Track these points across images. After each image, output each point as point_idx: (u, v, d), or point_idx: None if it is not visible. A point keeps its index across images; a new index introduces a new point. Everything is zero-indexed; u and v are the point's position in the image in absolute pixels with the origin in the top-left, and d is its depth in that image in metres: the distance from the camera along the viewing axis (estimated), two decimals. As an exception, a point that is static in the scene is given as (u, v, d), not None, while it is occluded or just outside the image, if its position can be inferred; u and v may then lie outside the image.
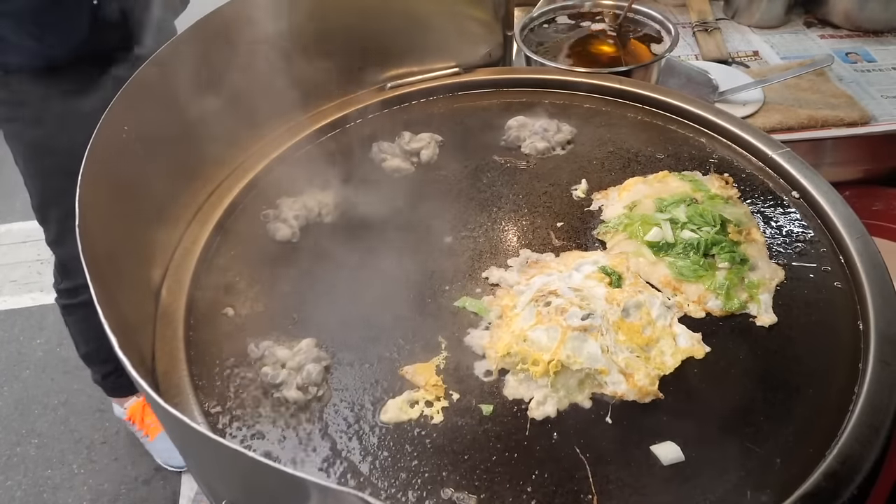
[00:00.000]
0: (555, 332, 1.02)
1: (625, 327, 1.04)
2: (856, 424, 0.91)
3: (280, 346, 1.06)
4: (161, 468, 2.62)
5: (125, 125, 1.09)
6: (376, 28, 1.47)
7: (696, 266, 1.12)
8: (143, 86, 1.13)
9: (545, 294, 1.07)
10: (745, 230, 1.17)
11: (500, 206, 1.29)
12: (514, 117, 1.48)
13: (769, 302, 1.10)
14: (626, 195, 1.27)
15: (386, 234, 1.25)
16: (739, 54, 2.05)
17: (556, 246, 1.21)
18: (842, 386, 0.98)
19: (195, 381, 1.03)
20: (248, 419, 0.99)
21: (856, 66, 1.98)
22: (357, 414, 0.99)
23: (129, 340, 0.92)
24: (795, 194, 1.27)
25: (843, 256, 1.15)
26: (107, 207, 1.02)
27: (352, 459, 0.93)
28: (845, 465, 0.87)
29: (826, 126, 1.75)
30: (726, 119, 1.41)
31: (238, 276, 1.19)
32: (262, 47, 1.34)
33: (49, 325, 3.06)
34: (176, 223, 1.23)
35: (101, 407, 2.81)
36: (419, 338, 1.08)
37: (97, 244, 0.94)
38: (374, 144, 1.41)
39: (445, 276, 1.17)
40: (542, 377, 0.99)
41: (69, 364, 2.83)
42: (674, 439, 0.93)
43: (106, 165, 1.03)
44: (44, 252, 3.12)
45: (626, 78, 1.54)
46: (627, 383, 0.98)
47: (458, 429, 0.97)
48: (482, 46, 1.58)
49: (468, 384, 1.02)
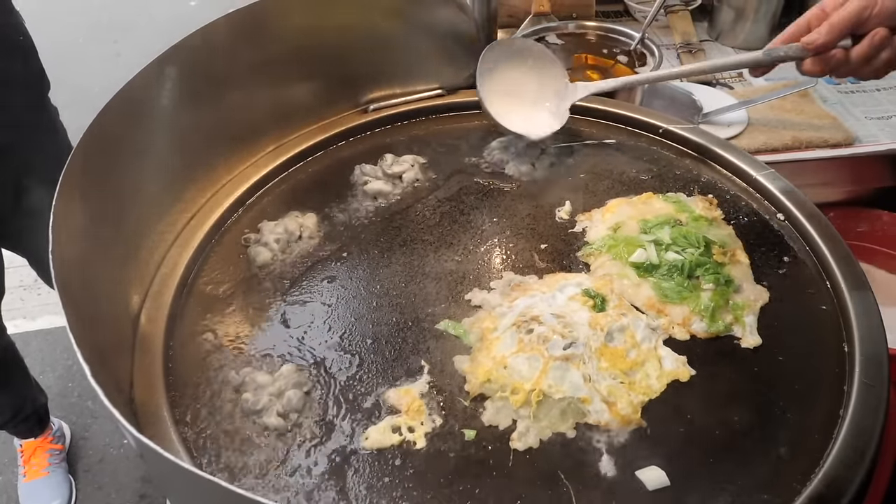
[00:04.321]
0: (536, 362, 1.01)
1: (608, 353, 1.03)
2: (841, 447, 0.90)
3: (260, 372, 1.05)
4: (146, 496, 2.60)
5: (102, 147, 1.08)
6: (359, 50, 1.46)
7: (680, 288, 1.12)
8: (121, 107, 1.11)
9: (527, 320, 1.06)
10: (730, 252, 1.17)
11: (484, 229, 1.28)
12: (498, 139, 1.47)
13: (754, 324, 1.09)
14: (610, 217, 1.27)
15: (368, 258, 1.24)
16: (723, 76, 2.06)
17: (540, 268, 1.20)
18: (827, 408, 0.97)
19: (174, 409, 1.01)
20: (228, 447, 0.97)
21: (839, 87, 1.99)
22: (338, 440, 0.97)
23: (104, 369, 0.91)
24: (780, 216, 1.27)
25: (828, 278, 1.15)
26: (83, 232, 1.01)
27: (333, 486, 0.92)
28: (831, 489, 0.87)
29: (810, 147, 1.75)
30: (710, 140, 1.40)
31: (218, 301, 1.17)
32: (244, 69, 1.33)
33: (32, 352, 3.04)
34: (156, 248, 1.21)
35: (84, 435, 2.79)
36: (401, 362, 1.07)
37: (72, 270, 0.92)
38: (357, 167, 1.40)
39: (428, 300, 1.16)
40: (521, 406, 0.98)
41: (52, 391, 2.81)
42: (659, 464, 0.92)
43: (82, 189, 1.02)
44: (27, 278, 3.11)
45: (610, 99, 1.54)
46: (610, 412, 0.97)
47: (441, 454, 0.95)
48: (465, 68, 1.58)
49: (450, 409, 1.00)
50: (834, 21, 1.10)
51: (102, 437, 2.80)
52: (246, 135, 1.39)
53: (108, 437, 2.80)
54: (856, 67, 1.13)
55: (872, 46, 1.09)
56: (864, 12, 1.08)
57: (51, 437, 2.64)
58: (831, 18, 1.11)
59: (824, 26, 1.11)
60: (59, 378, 3.00)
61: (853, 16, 1.09)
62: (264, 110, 1.39)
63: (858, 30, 1.11)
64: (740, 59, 1.25)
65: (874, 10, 1.08)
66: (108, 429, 2.81)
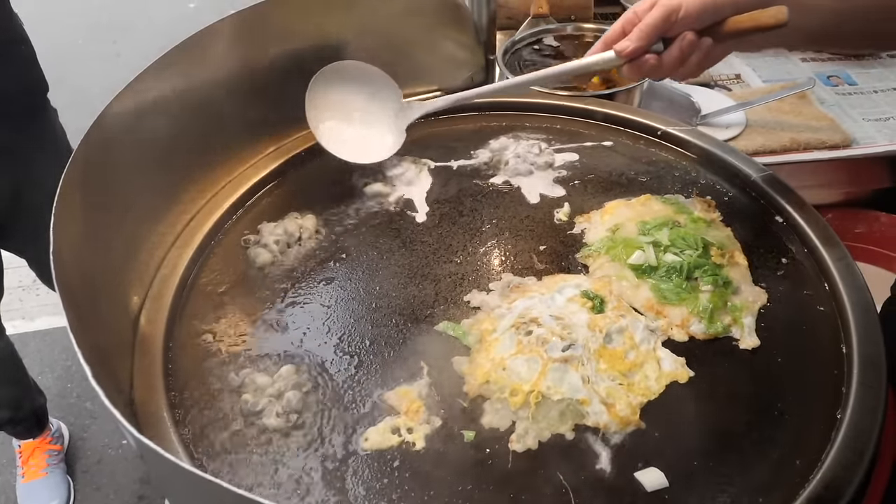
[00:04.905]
0: (535, 364, 1.01)
1: (606, 355, 1.03)
2: (839, 449, 0.91)
3: (260, 373, 1.05)
4: (144, 497, 2.60)
5: (102, 149, 1.08)
6: (358, 52, 1.46)
7: (679, 289, 1.12)
8: (121, 109, 1.12)
9: (526, 322, 1.06)
10: (728, 253, 1.17)
11: (482, 230, 1.29)
12: (496, 140, 1.48)
13: (752, 325, 1.09)
14: (608, 218, 1.27)
15: (367, 259, 1.24)
16: (721, 77, 2.06)
17: (539, 269, 1.21)
18: (825, 410, 0.97)
19: (173, 410, 1.01)
20: (227, 448, 0.97)
21: (837, 89, 1.99)
22: (338, 441, 0.97)
23: (104, 370, 0.91)
24: (778, 217, 1.27)
25: (826, 279, 1.15)
26: (83, 234, 1.01)
27: (333, 488, 0.92)
28: (829, 490, 0.87)
29: (808, 149, 1.75)
30: (709, 142, 1.41)
31: (218, 303, 1.18)
32: (243, 71, 1.33)
33: (31, 352, 3.04)
34: (155, 249, 1.21)
35: (82, 436, 2.79)
36: (400, 363, 1.07)
37: (72, 271, 0.93)
38: (356, 169, 1.40)
39: (427, 301, 1.16)
40: (520, 408, 0.98)
41: (51, 392, 2.81)
42: (658, 465, 0.92)
43: (82, 191, 1.02)
44: (25, 279, 3.10)
45: (609, 101, 1.54)
46: (609, 414, 0.97)
47: (441, 456, 0.95)
48: (464, 70, 1.58)
49: (450, 410, 1.00)
50: (642, 27, 1.12)
51: (101, 437, 2.80)
52: (245, 136, 1.40)
53: (106, 438, 2.80)
54: (668, 71, 1.15)
55: (682, 50, 1.11)
56: (670, 16, 1.10)
57: (49, 437, 2.64)
58: (640, 24, 1.12)
59: (634, 32, 1.12)
60: (58, 379, 3.00)
61: (659, 21, 1.10)
62: (264, 112, 1.39)
63: (667, 34, 1.12)
64: (562, 69, 1.24)
65: (679, 15, 1.09)
66: (107, 430, 2.81)
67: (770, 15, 1.09)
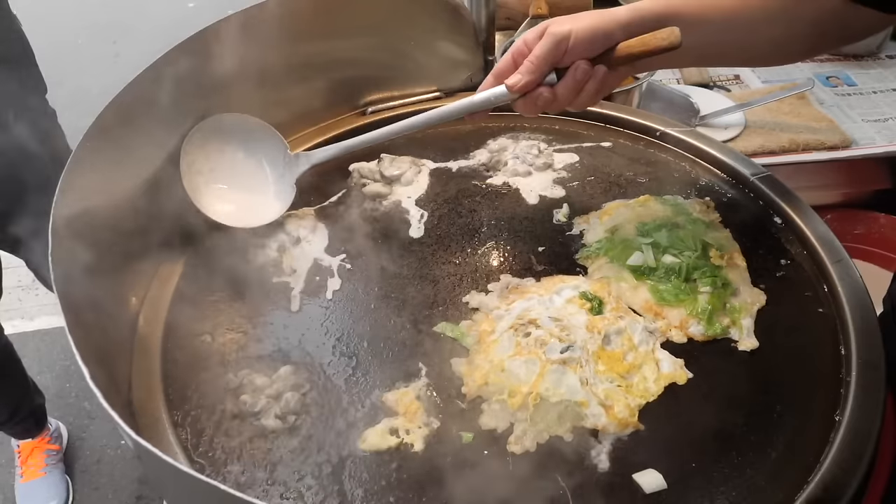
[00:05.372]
0: (534, 365, 1.01)
1: (605, 357, 1.03)
2: (838, 451, 0.91)
3: (258, 374, 1.05)
4: (143, 497, 2.60)
5: (100, 150, 1.08)
6: (357, 52, 1.46)
7: (677, 290, 1.12)
8: (120, 110, 1.12)
9: (525, 323, 1.06)
10: (727, 254, 1.17)
11: (481, 231, 1.29)
12: (495, 141, 1.48)
13: (751, 327, 1.09)
14: (607, 219, 1.27)
15: (365, 260, 1.24)
16: (720, 78, 2.06)
17: (538, 271, 1.21)
18: (824, 412, 0.97)
19: (171, 411, 1.01)
20: (225, 449, 0.97)
21: (836, 89, 1.99)
22: (336, 443, 0.97)
23: (102, 371, 0.91)
24: (777, 218, 1.27)
25: (825, 281, 1.15)
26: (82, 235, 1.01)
27: (331, 489, 0.92)
28: (828, 492, 0.87)
29: (807, 150, 1.76)
30: (707, 143, 1.41)
31: (216, 303, 1.17)
32: (242, 72, 1.33)
33: (29, 352, 3.03)
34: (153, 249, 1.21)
35: (81, 436, 2.79)
36: (399, 364, 1.07)
37: (71, 273, 0.93)
38: (354, 169, 1.40)
39: (426, 302, 1.16)
40: (518, 409, 0.98)
41: (49, 392, 2.80)
42: (656, 467, 0.92)
43: (80, 192, 1.02)
44: (24, 278, 3.10)
45: (608, 102, 1.54)
46: (607, 415, 0.97)
47: (439, 457, 0.95)
48: (463, 71, 1.58)
49: (448, 411, 1.00)
50: (532, 59, 1.07)
51: (100, 437, 2.80)
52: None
53: (105, 438, 2.79)
54: (564, 103, 1.10)
55: (576, 81, 1.07)
56: (560, 46, 1.05)
57: (48, 437, 2.64)
58: (530, 56, 1.07)
59: (525, 65, 1.07)
60: (57, 378, 2.99)
61: (550, 52, 1.05)
62: (263, 113, 1.39)
63: (559, 64, 1.07)
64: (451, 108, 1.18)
65: (570, 43, 1.05)
66: (106, 430, 2.81)
67: (663, 38, 1.05)
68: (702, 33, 1.09)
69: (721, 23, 1.10)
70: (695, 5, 1.09)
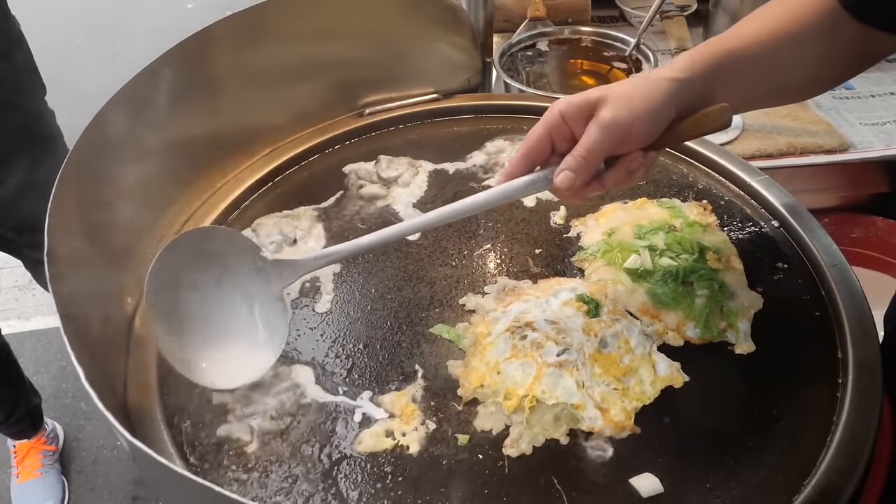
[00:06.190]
0: (530, 368, 1.01)
1: (601, 360, 1.03)
2: (834, 455, 0.91)
3: (254, 376, 1.05)
4: (139, 498, 2.59)
5: (98, 151, 1.08)
6: (355, 54, 1.46)
7: (674, 293, 1.12)
8: (117, 110, 1.11)
9: (521, 326, 1.06)
10: (724, 258, 1.17)
11: (478, 233, 1.28)
12: (493, 143, 1.47)
13: (748, 330, 1.09)
14: (604, 222, 1.27)
15: (362, 261, 1.24)
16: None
17: (534, 273, 1.20)
18: (820, 416, 0.97)
19: (167, 412, 1.01)
20: (220, 451, 0.97)
21: (834, 93, 1.99)
22: (331, 444, 0.97)
23: (98, 371, 0.91)
24: (774, 222, 1.27)
25: (822, 284, 1.15)
26: (78, 234, 1.01)
27: (326, 490, 0.92)
28: (824, 496, 0.87)
29: (805, 153, 1.76)
30: (705, 146, 1.40)
31: (212, 304, 1.17)
32: (240, 73, 1.33)
33: (26, 352, 3.03)
34: (150, 251, 1.21)
35: (77, 436, 2.78)
36: (395, 366, 1.07)
37: (67, 273, 0.92)
38: (351, 171, 1.40)
39: (422, 304, 1.16)
40: (514, 412, 0.98)
41: (46, 392, 2.80)
42: (653, 471, 0.92)
43: (77, 192, 1.02)
44: (21, 278, 3.11)
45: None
46: (604, 419, 0.97)
47: (435, 459, 0.95)
48: (461, 72, 1.58)
49: (444, 413, 1.00)
50: (586, 156, 0.95)
51: (96, 438, 2.80)
52: (241, 138, 1.39)
53: (101, 439, 2.79)
54: (609, 188, 1.01)
55: (629, 172, 0.97)
56: (620, 139, 0.94)
57: (44, 438, 2.64)
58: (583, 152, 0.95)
59: (577, 161, 0.95)
60: (53, 379, 2.99)
61: (608, 147, 0.95)
62: (260, 114, 1.39)
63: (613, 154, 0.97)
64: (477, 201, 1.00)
65: (630, 137, 0.94)
66: (102, 430, 2.81)
67: (714, 119, 0.96)
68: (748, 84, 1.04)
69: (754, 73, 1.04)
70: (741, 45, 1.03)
